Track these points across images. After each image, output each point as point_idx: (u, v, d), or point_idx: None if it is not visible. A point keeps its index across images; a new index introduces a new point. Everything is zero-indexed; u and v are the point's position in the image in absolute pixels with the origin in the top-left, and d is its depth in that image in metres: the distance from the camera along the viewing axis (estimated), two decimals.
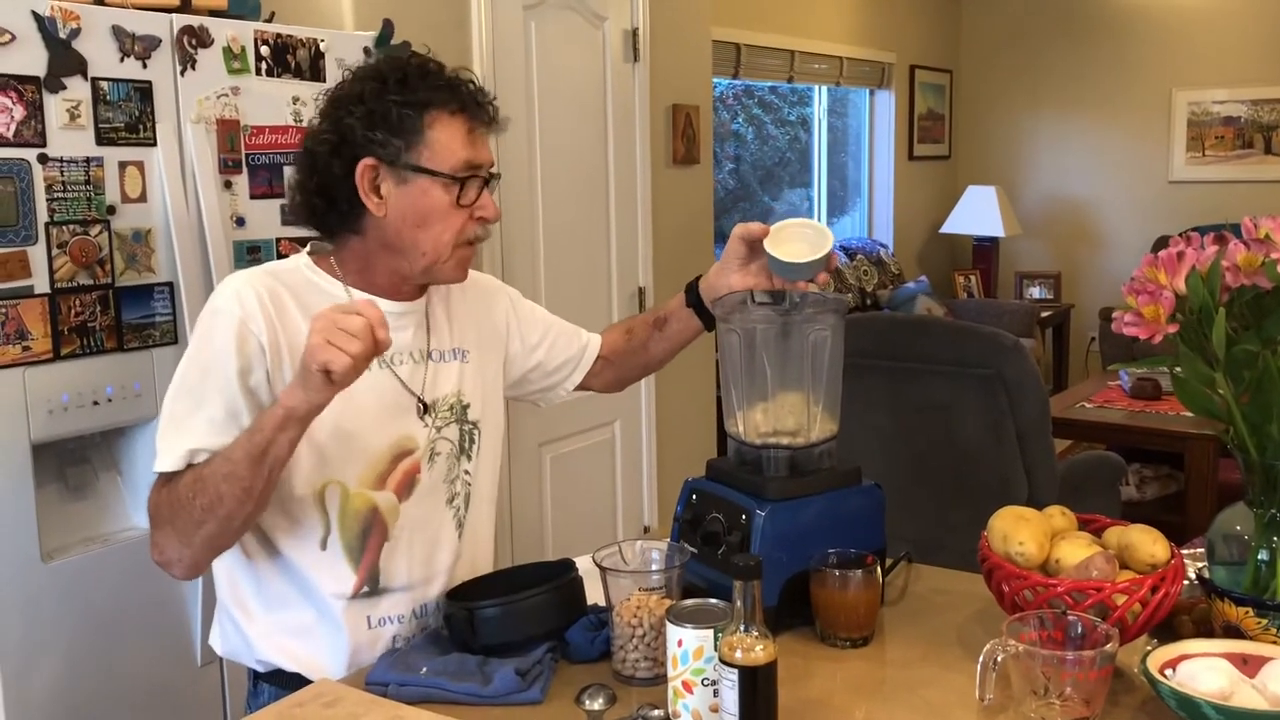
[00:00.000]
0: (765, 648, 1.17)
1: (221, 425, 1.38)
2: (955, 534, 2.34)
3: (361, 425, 1.44)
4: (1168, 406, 4.02)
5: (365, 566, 1.48)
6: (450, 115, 1.43)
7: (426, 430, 1.52)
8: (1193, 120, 6.57)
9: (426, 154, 1.42)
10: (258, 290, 1.42)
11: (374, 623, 1.48)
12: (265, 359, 1.40)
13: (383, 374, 1.49)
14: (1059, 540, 1.41)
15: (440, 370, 1.55)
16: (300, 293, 1.46)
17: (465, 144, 1.44)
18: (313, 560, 1.46)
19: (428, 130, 1.41)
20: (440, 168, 1.42)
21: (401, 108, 1.41)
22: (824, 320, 1.55)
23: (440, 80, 1.44)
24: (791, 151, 6.24)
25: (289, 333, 1.43)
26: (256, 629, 1.48)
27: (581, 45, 3.39)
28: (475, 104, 1.45)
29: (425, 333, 1.55)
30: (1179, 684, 1.19)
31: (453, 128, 1.43)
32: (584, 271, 3.47)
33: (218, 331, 1.40)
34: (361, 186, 1.42)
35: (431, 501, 1.54)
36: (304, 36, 2.29)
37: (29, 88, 1.86)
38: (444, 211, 1.44)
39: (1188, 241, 1.31)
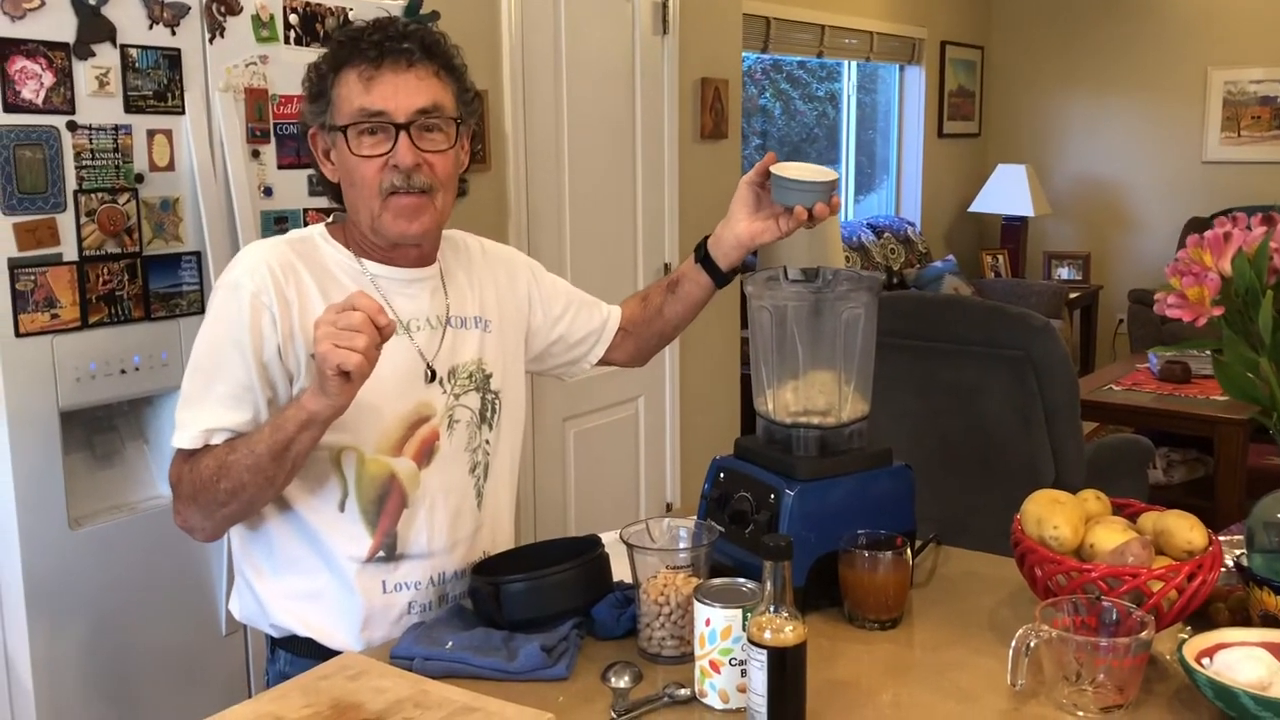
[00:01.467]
0: (795, 629, 1.16)
1: (236, 401, 1.41)
2: (981, 515, 2.32)
3: (376, 392, 1.43)
4: (1196, 390, 3.98)
5: (382, 531, 1.48)
6: (350, 68, 1.43)
7: (445, 397, 1.52)
8: (1228, 99, 6.46)
9: (334, 112, 1.45)
10: (270, 263, 1.43)
11: (389, 588, 1.48)
12: (277, 333, 1.41)
13: (399, 340, 1.48)
14: (1094, 525, 1.39)
15: (460, 337, 1.55)
16: (314, 263, 1.48)
17: (361, 91, 1.42)
18: (329, 521, 1.46)
19: (335, 89, 1.44)
20: (340, 121, 1.44)
21: (319, 73, 1.46)
22: (857, 298, 1.52)
23: (347, 35, 1.46)
24: (819, 127, 6.18)
25: (302, 304, 1.44)
26: (269, 592, 1.50)
27: (611, 18, 3.35)
28: (375, 49, 1.42)
29: (444, 298, 1.55)
30: (1216, 673, 1.17)
31: (350, 79, 1.43)
32: (610, 246, 3.45)
33: (230, 306, 1.42)
34: (315, 154, 1.49)
35: (453, 469, 1.54)
36: (332, 5, 2.27)
37: (58, 54, 1.85)
38: (355, 164, 1.44)
39: (1234, 222, 1.28)
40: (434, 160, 1.45)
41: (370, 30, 1.44)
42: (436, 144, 1.46)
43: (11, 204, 1.81)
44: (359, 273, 1.50)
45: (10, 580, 1.87)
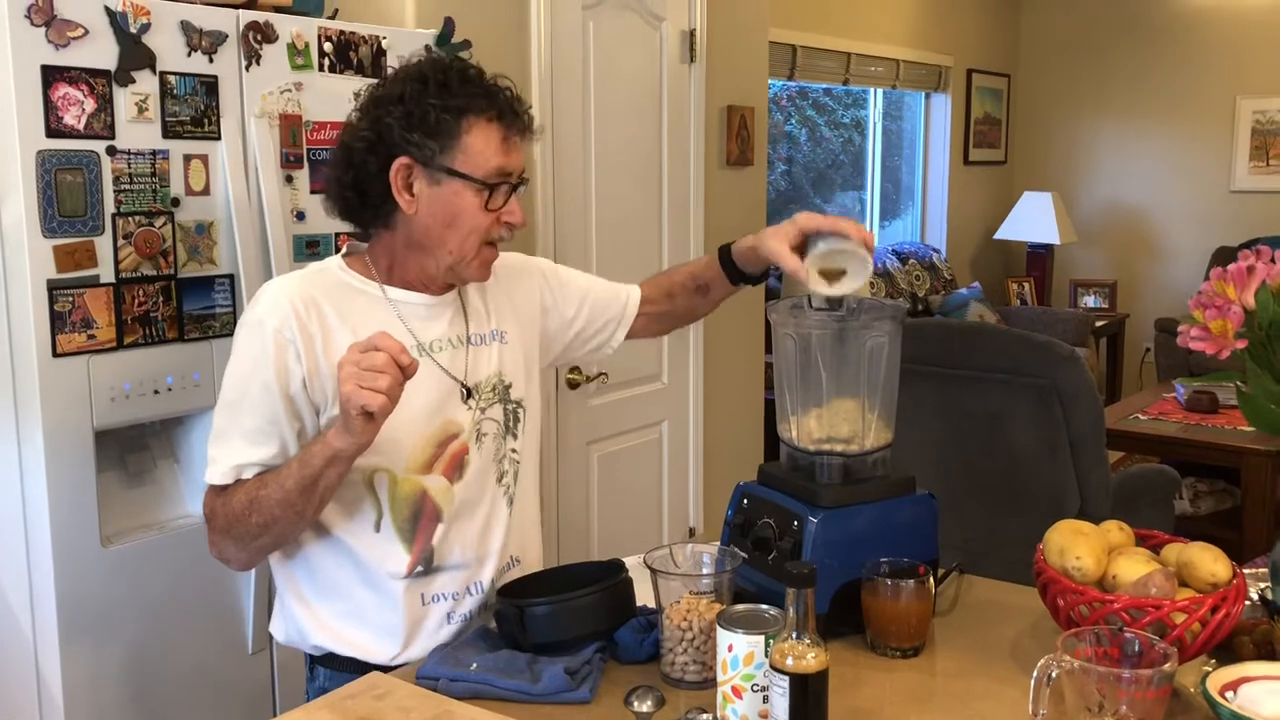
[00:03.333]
0: (817, 656, 1.17)
1: (263, 436, 1.45)
2: (1004, 543, 2.32)
3: (405, 415, 1.46)
4: (1224, 420, 3.95)
5: (419, 547, 1.52)
6: (487, 122, 1.47)
7: (471, 413, 1.56)
8: (1257, 129, 6.44)
9: (461, 158, 1.46)
10: (291, 298, 1.46)
11: (427, 599, 1.53)
12: (302, 366, 1.45)
13: (423, 361, 1.51)
14: (1117, 556, 1.39)
15: (480, 353, 1.59)
16: (335, 296, 1.51)
17: (499, 151, 1.48)
18: (366, 542, 1.50)
19: (464, 135, 1.46)
20: (473, 173, 1.47)
21: (440, 112, 1.44)
22: (881, 327, 1.54)
23: (479, 87, 1.48)
24: (845, 154, 6.20)
25: (325, 336, 1.47)
26: (313, 614, 1.53)
27: (639, 45, 3.39)
28: (511, 112, 1.49)
29: (463, 319, 1.59)
30: (1239, 707, 1.17)
31: (488, 134, 1.47)
32: (636, 271, 3.44)
33: (254, 344, 1.45)
34: (395, 184, 1.46)
35: (483, 482, 1.58)
36: (366, 34, 2.32)
37: (99, 81, 1.89)
38: (472, 213, 1.48)
39: (1258, 255, 1.29)
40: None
41: (500, 89, 1.50)
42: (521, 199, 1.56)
43: (52, 227, 1.85)
44: (380, 299, 1.53)
45: (44, 596, 1.90)
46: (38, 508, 1.88)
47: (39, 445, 1.86)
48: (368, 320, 1.50)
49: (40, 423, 1.86)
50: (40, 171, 1.82)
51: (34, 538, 1.90)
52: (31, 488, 1.89)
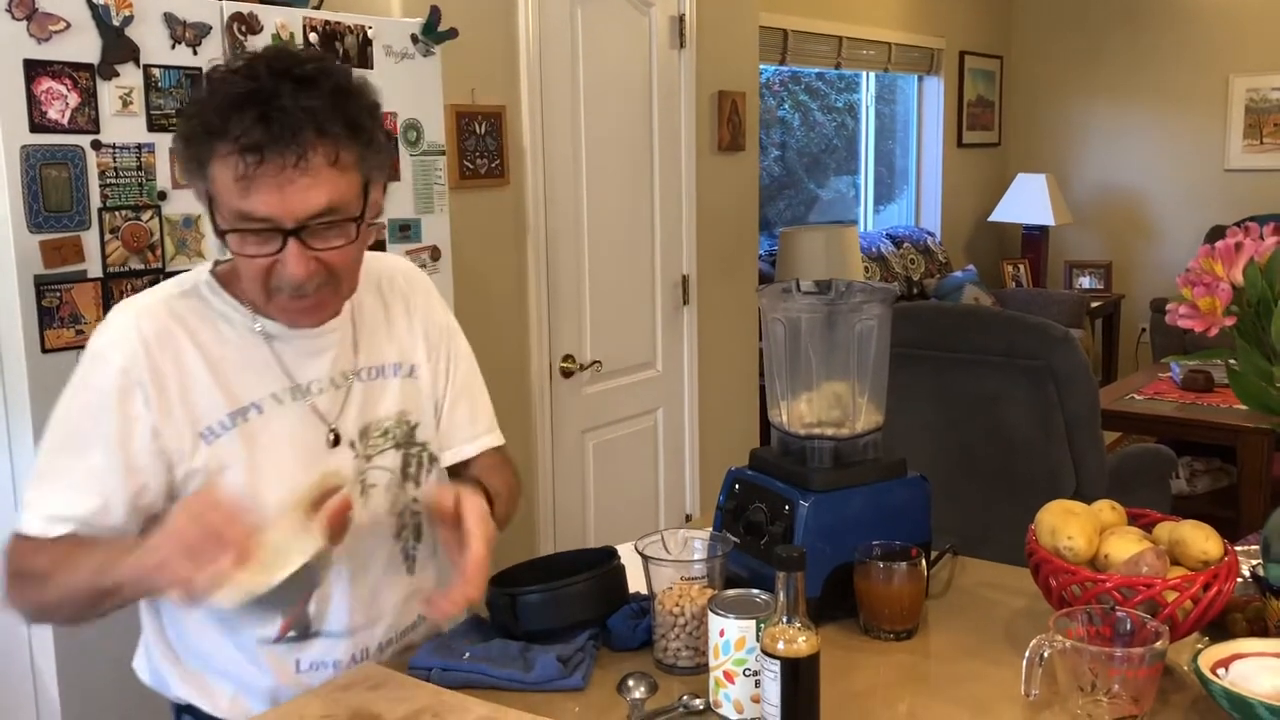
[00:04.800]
0: (808, 639, 1.17)
1: (85, 488, 1.25)
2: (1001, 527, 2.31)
3: (274, 468, 1.30)
4: (1219, 399, 3.95)
5: (292, 613, 1.35)
6: (224, 156, 1.17)
7: (355, 461, 1.37)
8: (1250, 107, 6.43)
9: (212, 191, 1.21)
10: (142, 330, 1.27)
11: (303, 666, 1.37)
12: (152, 414, 1.26)
13: (297, 408, 1.34)
14: (1108, 535, 1.39)
15: (372, 390, 1.39)
16: (197, 326, 1.30)
17: (235, 192, 1.17)
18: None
19: (209, 166, 1.19)
20: (218, 210, 1.21)
21: (184, 140, 1.21)
22: (870, 309, 1.53)
23: (218, 103, 1.17)
24: (838, 138, 6.19)
25: (183, 380, 1.27)
26: (175, 664, 1.39)
27: (628, 31, 3.37)
28: (251, 136, 1.15)
29: (351, 351, 1.38)
30: (1231, 684, 1.17)
31: (224, 169, 1.18)
32: (627, 259, 3.46)
33: (94, 380, 1.26)
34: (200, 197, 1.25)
35: (373, 540, 1.40)
36: (352, 23, 2.30)
37: (83, 75, 1.88)
38: (236, 256, 1.25)
39: (1245, 232, 1.28)
40: (332, 258, 1.24)
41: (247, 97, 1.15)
42: (332, 242, 1.23)
43: (38, 222, 1.84)
44: (250, 329, 1.32)
45: None
46: None
47: (28, 441, 1.86)
48: (234, 359, 1.30)
49: (30, 419, 1.85)
50: (25, 167, 1.82)
51: None
52: (23, 484, 1.88)
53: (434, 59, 2.48)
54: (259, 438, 1.31)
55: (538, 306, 3.12)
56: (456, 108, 2.79)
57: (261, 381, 1.32)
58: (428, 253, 2.51)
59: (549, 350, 3.18)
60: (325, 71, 1.22)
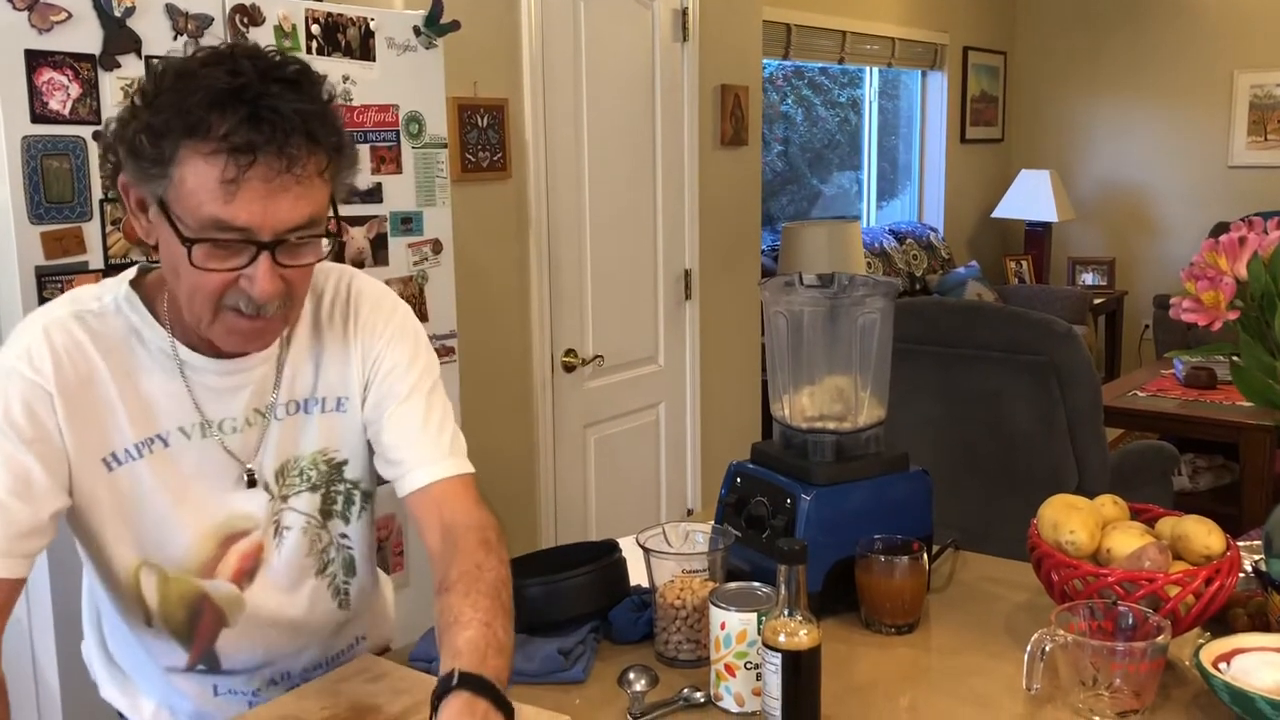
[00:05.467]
0: (809, 632, 1.17)
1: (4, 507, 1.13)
2: (1004, 522, 2.31)
3: (177, 506, 1.23)
4: (1222, 396, 3.94)
5: (198, 649, 1.31)
6: (205, 155, 1.06)
7: (271, 503, 1.28)
8: (1255, 103, 6.41)
9: (173, 194, 1.09)
10: (54, 345, 1.17)
11: (221, 691, 1.34)
12: (60, 434, 1.16)
13: (207, 444, 1.24)
14: (1110, 529, 1.39)
15: (292, 427, 1.29)
16: (109, 342, 1.20)
17: (215, 195, 1.07)
18: (142, 633, 1.30)
19: (177, 166, 1.07)
20: (181, 217, 1.09)
21: (147, 133, 1.07)
22: (872, 303, 1.53)
23: (200, 96, 1.06)
24: (841, 134, 6.18)
25: (89, 395, 1.18)
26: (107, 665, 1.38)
27: (631, 24, 3.37)
28: (244, 135, 1.05)
29: (272, 384, 1.27)
30: (1233, 678, 1.17)
31: (201, 171, 1.06)
32: (630, 253, 3.46)
33: (8, 392, 1.15)
34: (127, 203, 1.14)
35: (290, 582, 1.32)
36: (354, 15, 2.30)
37: (85, 66, 1.88)
38: (187, 269, 1.11)
39: (1250, 226, 1.28)
40: (295, 276, 1.15)
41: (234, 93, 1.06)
42: (303, 259, 1.15)
43: (39, 213, 1.84)
44: (168, 356, 1.21)
45: (39, 589, 1.89)
46: None
47: None
48: (144, 386, 1.20)
49: None
50: (26, 158, 1.81)
51: None
52: None
53: (436, 51, 2.47)
54: (165, 471, 1.21)
55: (540, 300, 3.12)
56: (458, 100, 2.78)
57: (171, 413, 1.22)
58: (429, 246, 2.51)
59: (551, 344, 3.18)
60: (309, 76, 1.13)
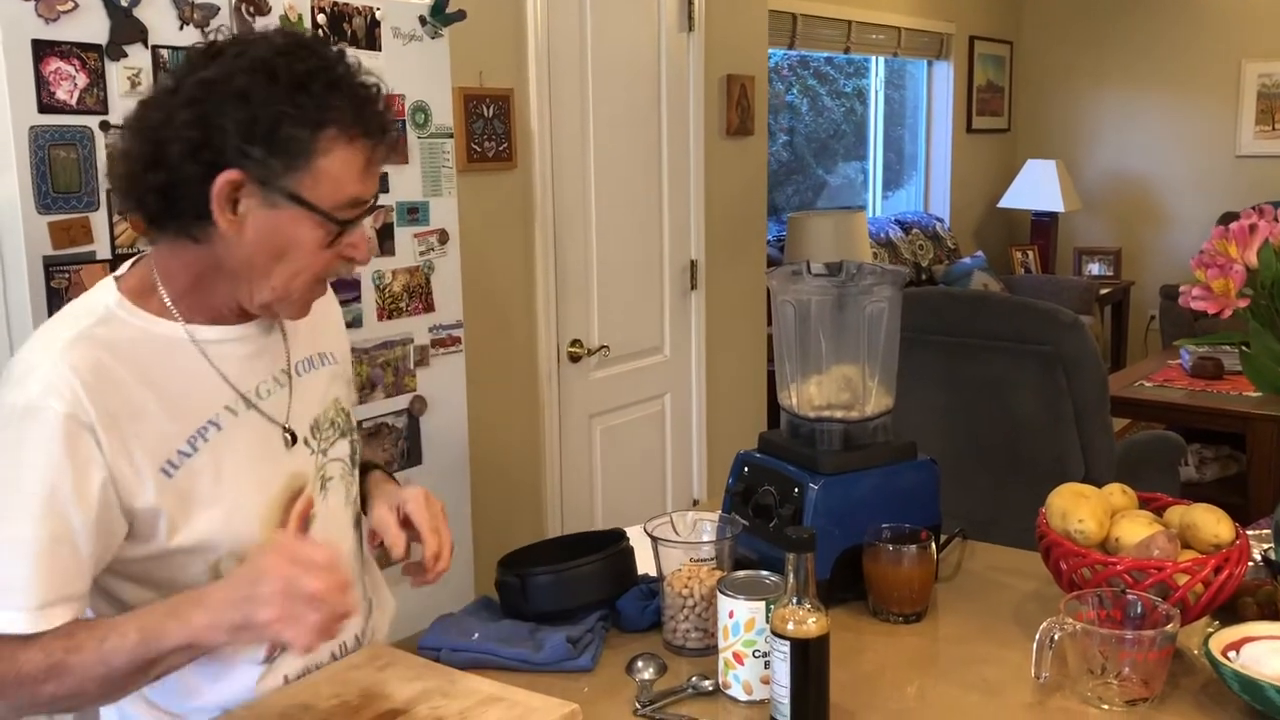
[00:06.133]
0: (818, 620, 1.17)
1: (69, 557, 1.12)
2: (1010, 511, 2.31)
3: (242, 483, 1.24)
4: (1229, 386, 3.94)
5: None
6: (349, 141, 1.16)
7: (314, 457, 1.33)
8: (1263, 92, 6.39)
9: (309, 183, 1.16)
10: (77, 368, 1.13)
11: (291, 678, 1.32)
12: (104, 457, 1.13)
13: (249, 415, 1.27)
14: (1119, 518, 1.39)
15: (308, 383, 1.34)
16: (128, 352, 1.18)
17: (358, 177, 1.18)
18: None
19: (319, 156, 1.15)
20: (320, 202, 1.16)
21: (293, 124, 1.13)
22: (880, 292, 1.53)
23: (346, 91, 1.16)
24: (847, 123, 6.16)
25: (130, 414, 1.16)
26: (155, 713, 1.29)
27: (637, 14, 3.36)
28: (380, 129, 1.19)
29: (283, 344, 1.33)
30: (1242, 666, 1.17)
31: (348, 157, 1.17)
32: (636, 243, 3.45)
33: (32, 437, 1.11)
34: (217, 201, 1.15)
35: (336, 530, 1.36)
36: (360, 5, 2.29)
37: (91, 55, 1.88)
38: (309, 249, 1.19)
39: (1260, 214, 1.27)
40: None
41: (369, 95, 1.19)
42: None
43: (46, 203, 1.84)
44: (185, 342, 1.23)
45: None
46: None
47: None
48: (176, 380, 1.21)
49: None
50: (33, 148, 1.81)
51: None
52: None
53: (442, 41, 2.47)
54: (223, 454, 1.23)
55: (545, 290, 3.12)
56: (464, 90, 2.78)
57: (210, 397, 1.23)
58: (435, 236, 2.51)
59: (557, 334, 3.18)
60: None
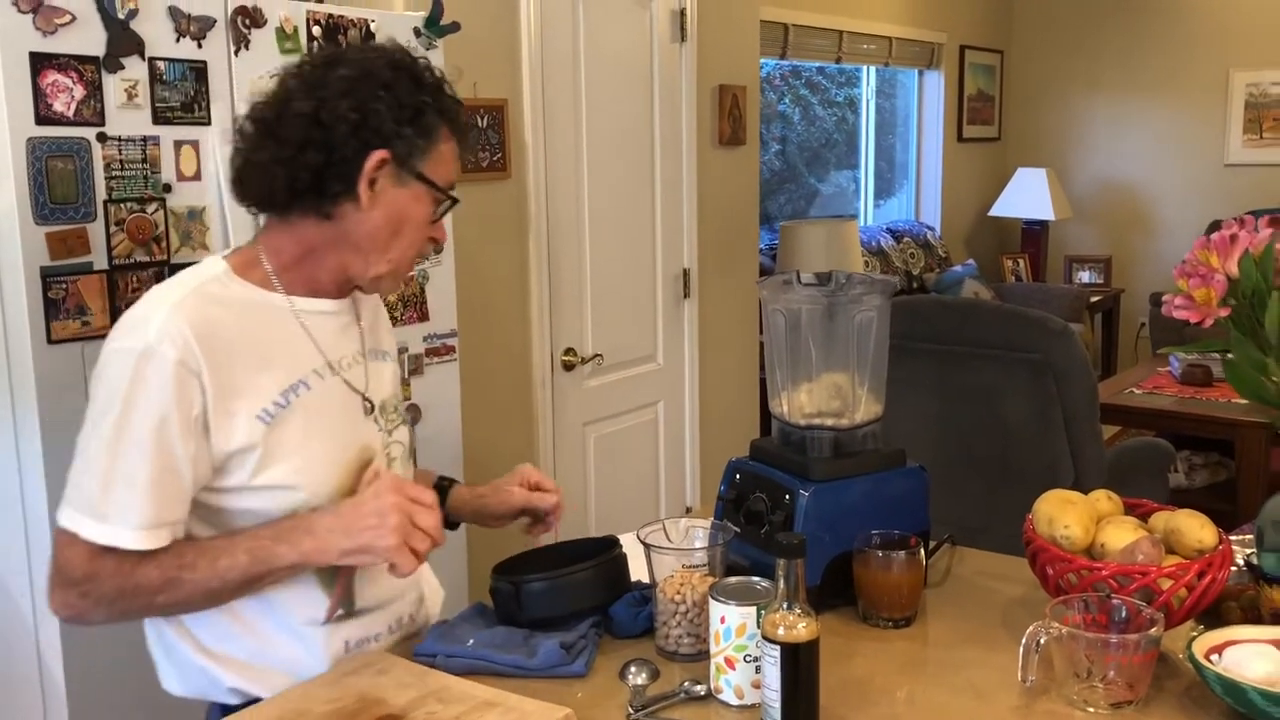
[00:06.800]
0: (808, 625, 1.18)
1: (174, 487, 1.27)
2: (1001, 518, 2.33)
3: (324, 442, 1.36)
4: (1218, 393, 3.96)
5: (340, 588, 1.39)
6: (453, 136, 1.40)
7: (380, 434, 1.46)
8: (1250, 102, 6.43)
9: (432, 165, 1.37)
10: (189, 318, 1.28)
11: (351, 646, 1.41)
12: (205, 399, 1.27)
13: (334, 381, 1.41)
14: (1105, 524, 1.41)
15: (377, 370, 1.49)
16: (235, 312, 1.33)
17: (454, 165, 1.41)
18: (282, 588, 1.36)
19: (441, 144, 1.38)
20: (440, 181, 1.38)
21: (431, 114, 1.35)
22: (869, 301, 1.55)
23: (452, 96, 1.41)
24: (839, 133, 6.19)
25: (233, 365, 1.30)
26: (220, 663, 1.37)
27: (629, 25, 3.38)
28: (465, 131, 1.43)
29: (358, 330, 1.48)
30: (1225, 669, 1.19)
31: (452, 149, 1.40)
32: (628, 252, 3.47)
33: (148, 375, 1.25)
34: (366, 175, 1.32)
35: None
36: (355, 17, 2.31)
37: (88, 68, 1.89)
38: (420, 224, 1.39)
39: (1241, 224, 1.30)
40: None
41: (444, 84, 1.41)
42: None
43: (44, 214, 1.85)
44: (285, 312, 1.38)
45: (43, 580, 1.90)
46: (35, 496, 1.89)
47: (35, 432, 1.87)
48: (278, 342, 1.35)
49: (36, 410, 1.86)
50: (31, 159, 1.83)
51: (32, 523, 1.91)
52: (29, 476, 1.90)
53: (436, 53, 2.49)
54: (309, 412, 1.35)
55: (539, 299, 3.14)
56: None
57: (302, 359, 1.37)
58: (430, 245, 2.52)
59: (550, 343, 3.20)
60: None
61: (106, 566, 1.26)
